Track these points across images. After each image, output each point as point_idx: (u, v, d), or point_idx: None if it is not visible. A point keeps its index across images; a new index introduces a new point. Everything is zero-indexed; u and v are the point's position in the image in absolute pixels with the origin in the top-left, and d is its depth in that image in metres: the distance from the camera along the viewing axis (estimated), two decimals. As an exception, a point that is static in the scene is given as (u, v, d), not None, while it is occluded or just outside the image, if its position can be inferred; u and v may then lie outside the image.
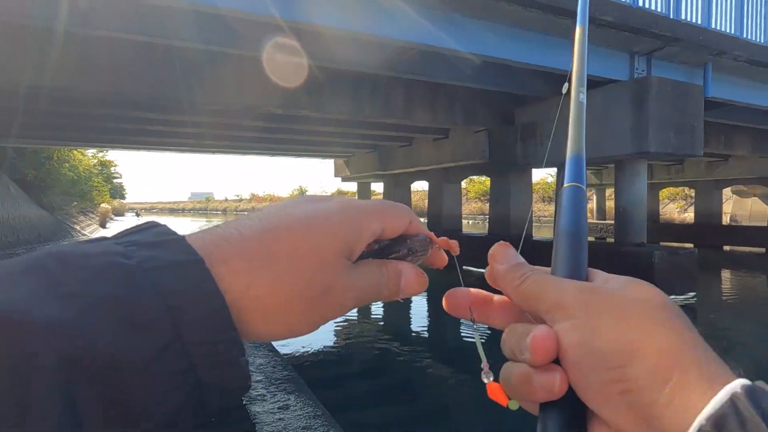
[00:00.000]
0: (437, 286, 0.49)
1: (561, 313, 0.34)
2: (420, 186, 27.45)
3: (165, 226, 0.33)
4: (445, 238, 0.43)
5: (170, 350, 0.28)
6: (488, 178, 16.28)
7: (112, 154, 47.06)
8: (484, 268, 0.42)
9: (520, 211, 14.47)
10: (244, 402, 4.80)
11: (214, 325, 0.30)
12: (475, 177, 37.02)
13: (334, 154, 22.18)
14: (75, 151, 24.99)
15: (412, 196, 23.55)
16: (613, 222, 12.74)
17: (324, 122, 14.42)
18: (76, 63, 8.86)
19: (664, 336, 0.31)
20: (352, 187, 35.42)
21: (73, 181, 25.90)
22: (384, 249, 0.39)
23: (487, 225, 17.22)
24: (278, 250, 0.34)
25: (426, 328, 10.13)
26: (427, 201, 19.14)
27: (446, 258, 0.44)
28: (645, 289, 0.34)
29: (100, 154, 40.97)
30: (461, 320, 0.48)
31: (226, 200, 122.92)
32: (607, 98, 10.23)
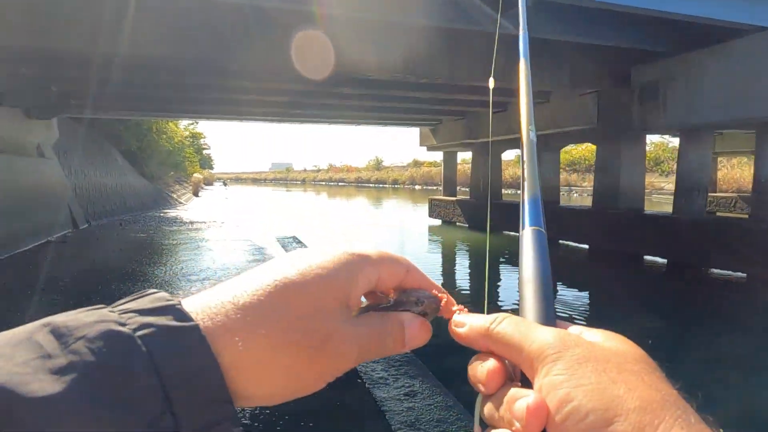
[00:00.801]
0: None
1: (542, 364, 0.33)
2: (510, 155, 26.11)
3: (162, 292, 0.33)
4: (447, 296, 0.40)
5: (160, 425, 0.28)
6: (578, 146, 15.01)
7: (201, 126, 49.32)
8: (584, 243, 0.32)
9: (632, 183, 13.10)
10: (367, 386, 4.46)
11: (207, 399, 0.30)
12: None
13: (419, 123, 21.46)
14: (170, 123, 26.22)
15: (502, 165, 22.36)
16: (725, 195, 11.36)
17: (415, 87, 13.75)
18: (173, 31, 8.79)
19: (645, 392, 0.30)
20: (437, 156, 34.61)
21: (168, 152, 27.35)
22: (390, 306, 0.39)
23: (571, 197, 15.98)
24: (273, 304, 0.33)
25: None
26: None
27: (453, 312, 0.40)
28: (623, 341, 0.34)
29: (192, 126, 43.00)
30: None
31: (305, 170, 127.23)
32: (754, 50, 8.96)
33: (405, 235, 19.43)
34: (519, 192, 0.46)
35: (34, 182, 13.08)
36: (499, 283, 10.66)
